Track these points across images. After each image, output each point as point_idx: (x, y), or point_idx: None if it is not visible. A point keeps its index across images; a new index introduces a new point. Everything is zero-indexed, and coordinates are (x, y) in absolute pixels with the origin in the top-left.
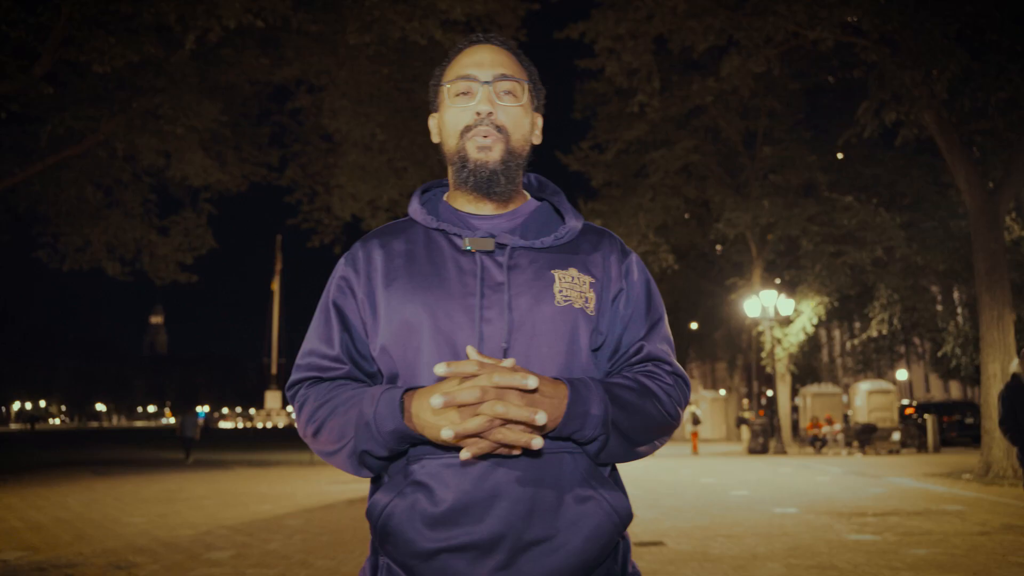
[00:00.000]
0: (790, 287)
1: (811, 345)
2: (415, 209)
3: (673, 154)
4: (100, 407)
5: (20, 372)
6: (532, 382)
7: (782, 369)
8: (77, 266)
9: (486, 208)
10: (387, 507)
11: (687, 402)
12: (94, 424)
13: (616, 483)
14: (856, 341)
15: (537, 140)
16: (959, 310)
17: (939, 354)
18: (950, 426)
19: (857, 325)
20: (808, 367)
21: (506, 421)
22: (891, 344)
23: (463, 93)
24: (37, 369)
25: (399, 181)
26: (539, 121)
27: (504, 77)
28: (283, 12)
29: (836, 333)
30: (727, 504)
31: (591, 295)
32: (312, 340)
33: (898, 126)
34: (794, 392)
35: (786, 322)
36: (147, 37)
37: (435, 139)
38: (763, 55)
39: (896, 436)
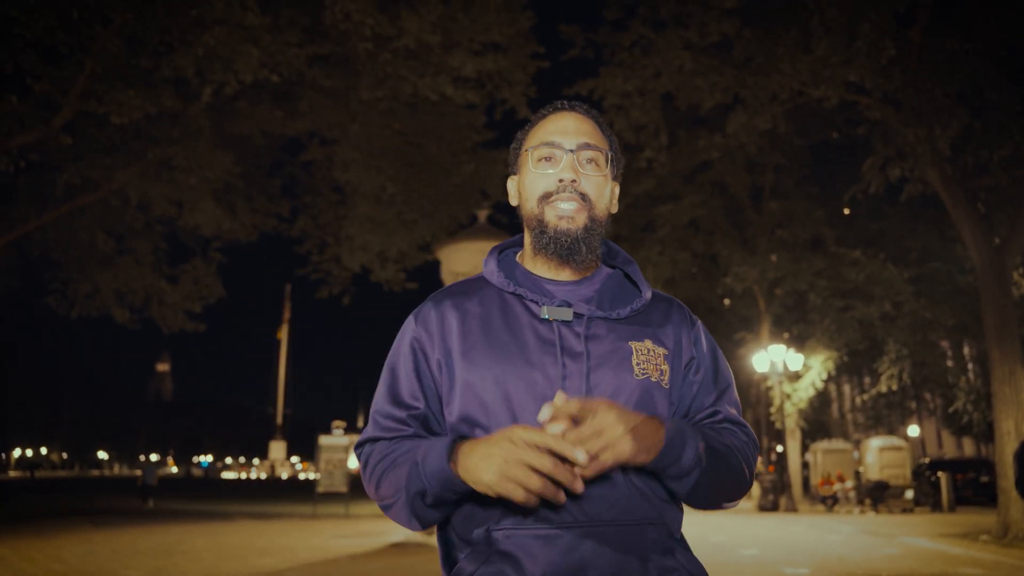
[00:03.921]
0: (799, 342)
1: (821, 400)
2: (491, 270)
3: (680, 208)
4: (102, 455)
5: (23, 418)
6: (581, 456)
7: (792, 424)
8: (86, 313)
9: (563, 274)
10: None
11: (755, 464)
12: (95, 472)
13: (690, 550)
14: (866, 396)
15: (615, 209)
16: (970, 365)
17: (950, 410)
18: (964, 484)
19: (867, 380)
20: (818, 422)
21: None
22: (902, 399)
23: (546, 159)
24: (40, 415)
25: (408, 233)
26: (617, 190)
27: (588, 146)
28: (298, 67)
29: (846, 388)
30: (737, 564)
31: (665, 367)
32: (380, 400)
33: (903, 182)
34: (804, 448)
35: (795, 377)
36: (165, 90)
37: (513, 202)
38: (768, 112)
39: (909, 494)
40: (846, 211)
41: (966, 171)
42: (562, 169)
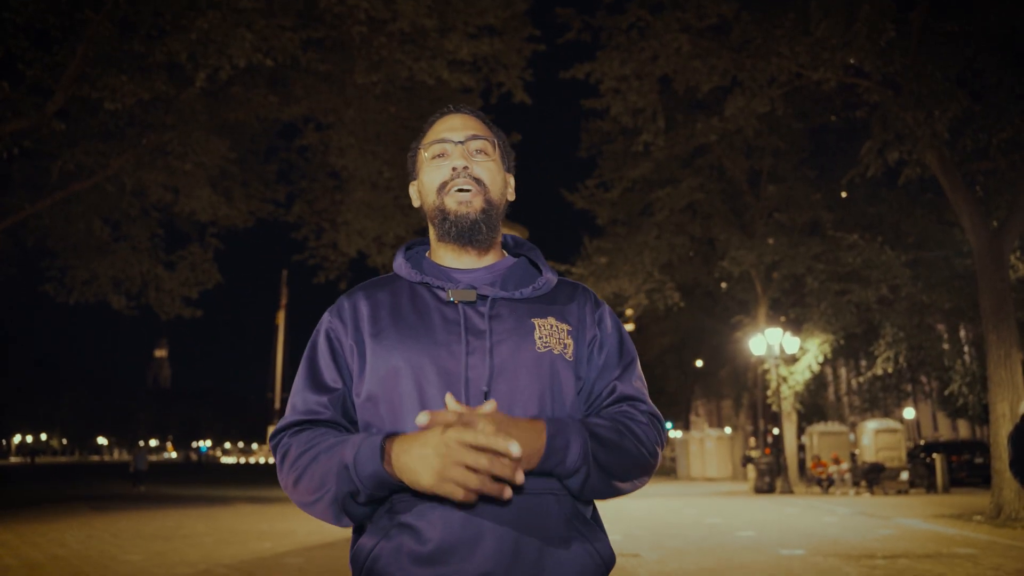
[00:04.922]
0: (795, 325)
1: (817, 383)
2: (399, 264)
3: (678, 192)
4: (101, 440)
5: (23, 405)
6: (515, 449)
7: (788, 407)
8: (83, 299)
9: (467, 261)
10: (374, 550)
11: (664, 441)
12: (95, 458)
13: (599, 527)
14: (862, 379)
15: (511, 197)
16: (966, 348)
17: (946, 393)
18: (959, 466)
19: (863, 363)
20: (814, 405)
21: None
22: (898, 382)
23: (439, 155)
24: (40, 402)
25: (405, 218)
26: (511, 180)
27: (475, 137)
28: (292, 51)
29: (842, 371)
30: (733, 545)
31: (569, 342)
32: (297, 389)
33: (901, 165)
34: (800, 431)
35: (792, 360)
36: (158, 75)
37: (416, 203)
38: (767, 95)
39: (904, 476)
40: (844, 195)
41: (965, 154)
42: (454, 159)
